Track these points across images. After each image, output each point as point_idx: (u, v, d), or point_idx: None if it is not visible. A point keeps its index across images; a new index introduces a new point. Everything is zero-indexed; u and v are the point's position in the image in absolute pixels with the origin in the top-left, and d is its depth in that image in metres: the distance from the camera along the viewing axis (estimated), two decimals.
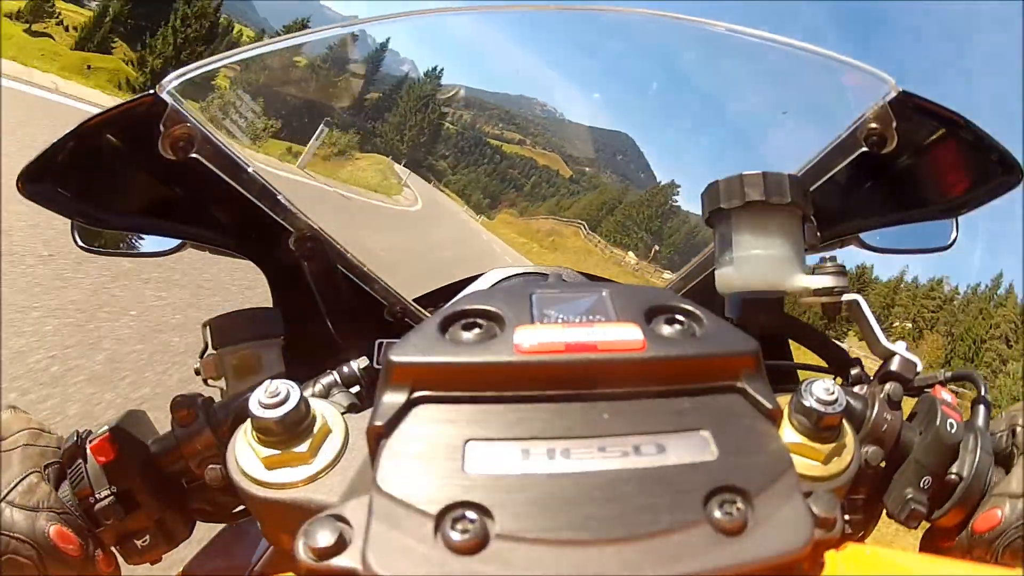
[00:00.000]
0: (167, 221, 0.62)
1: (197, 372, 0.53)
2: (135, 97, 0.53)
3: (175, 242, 0.66)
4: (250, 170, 0.58)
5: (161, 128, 0.54)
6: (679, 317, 0.27)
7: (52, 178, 0.53)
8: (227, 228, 0.64)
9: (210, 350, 0.53)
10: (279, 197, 0.60)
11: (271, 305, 0.66)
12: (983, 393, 0.48)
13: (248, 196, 0.58)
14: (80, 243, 0.67)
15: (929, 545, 0.46)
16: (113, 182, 0.57)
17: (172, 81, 0.54)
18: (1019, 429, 0.45)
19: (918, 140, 0.55)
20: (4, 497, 0.39)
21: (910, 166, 0.57)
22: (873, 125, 0.55)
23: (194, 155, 0.55)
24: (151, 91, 0.53)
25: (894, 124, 0.54)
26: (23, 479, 0.40)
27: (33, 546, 0.39)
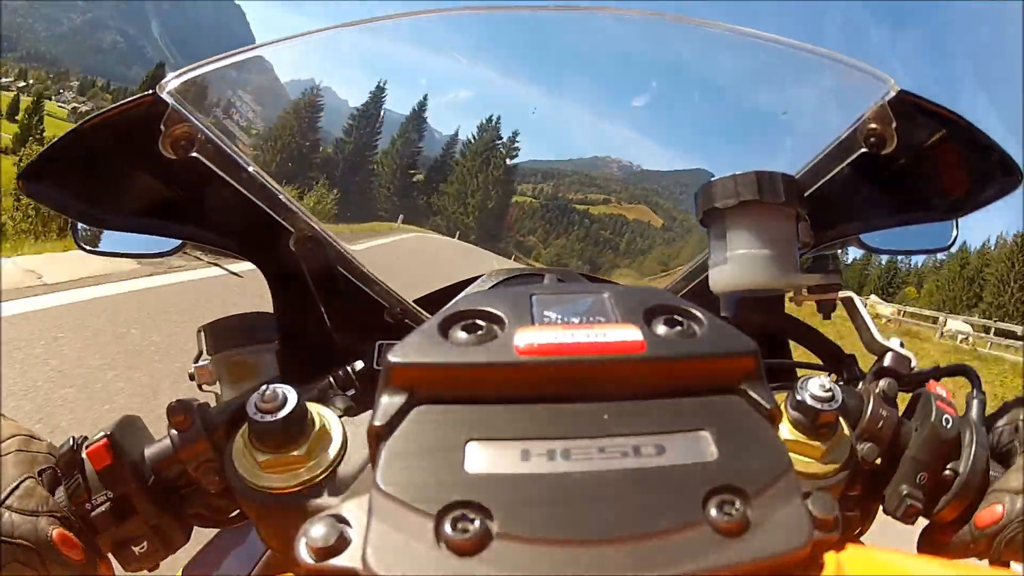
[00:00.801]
0: (167, 221, 0.62)
1: (192, 377, 0.53)
2: (135, 97, 0.53)
3: (175, 242, 0.66)
4: (251, 170, 0.58)
5: (162, 128, 0.54)
6: (678, 318, 0.27)
7: (53, 177, 0.53)
8: (227, 228, 0.64)
9: (205, 355, 0.53)
10: (280, 197, 0.60)
11: (271, 306, 0.66)
12: (978, 387, 0.48)
13: (249, 196, 0.58)
14: (80, 243, 0.67)
15: (928, 541, 0.47)
16: (113, 182, 0.57)
17: (172, 80, 0.54)
18: (1021, 424, 0.45)
19: (918, 141, 0.55)
20: (3, 502, 0.39)
21: (910, 167, 0.57)
22: (872, 125, 0.55)
23: (194, 155, 0.55)
24: (152, 91, 0.53)
25: (894, 124, 0.54)
26: (20, 483, 0.40)
27: (35, 550, 0.38)
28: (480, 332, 0.26)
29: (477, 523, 0.20)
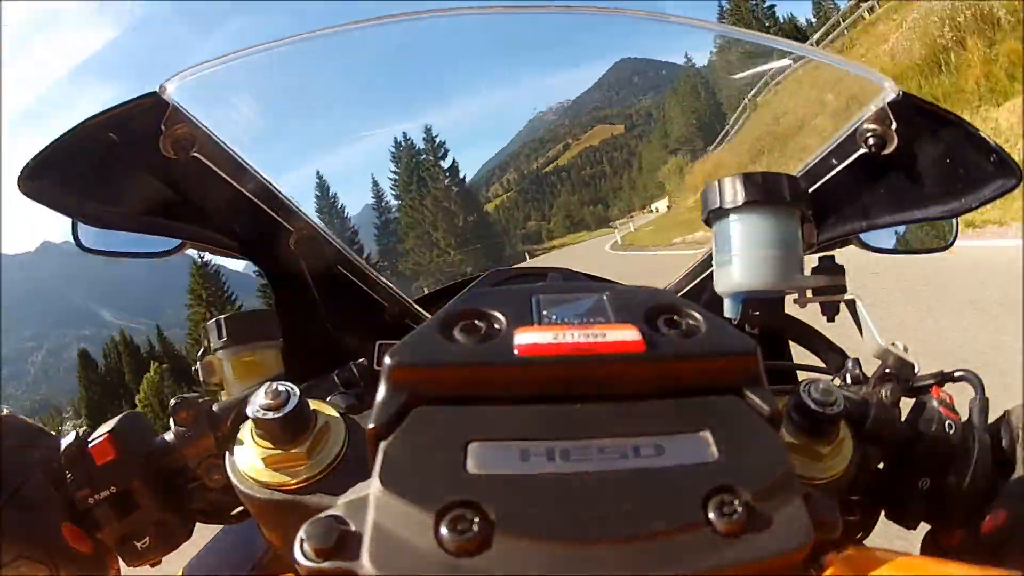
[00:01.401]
0: (168, 221, 0.62)
1: (196, 373, 0.53)
2: (136, 96, 0.53)
3: (176, 242, 0.66)
4: (251, 170, 0.58)
5: (162, 127, 0.54)
6: (678, 318, 0.27)
7: (53, 176, 0.53)
8: (228, 228, 0.64)
9: (210, 351, 0.53)
10: (280, 197, 0.60)
11: (272, 306, 0.66)
12: (981, 393, 0.48)
13: (249, 196, 0.58)
14: (81, 243, 0.67)
15: (930, 546, 0.46)
16: (114, 181, 0.57)
17: (174, 81, 0.54)
18: (1023, 431, 0.45)
19: (917, 142, 0.55)
20: (10, 498, 0.39)
21: (909, 167, 0.57)
22: (873, 126, 0.55)
23: (195, 155, 0.55)
24: (153, 90, 0.53)
25: (894, 126, 0.55)
26: (26, 481, 0.40)
27: (44, 545, 0.39)
28: (480, 332, 0.26)
29: (476, 523, 0.20)
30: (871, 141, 0.55)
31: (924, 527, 0.46)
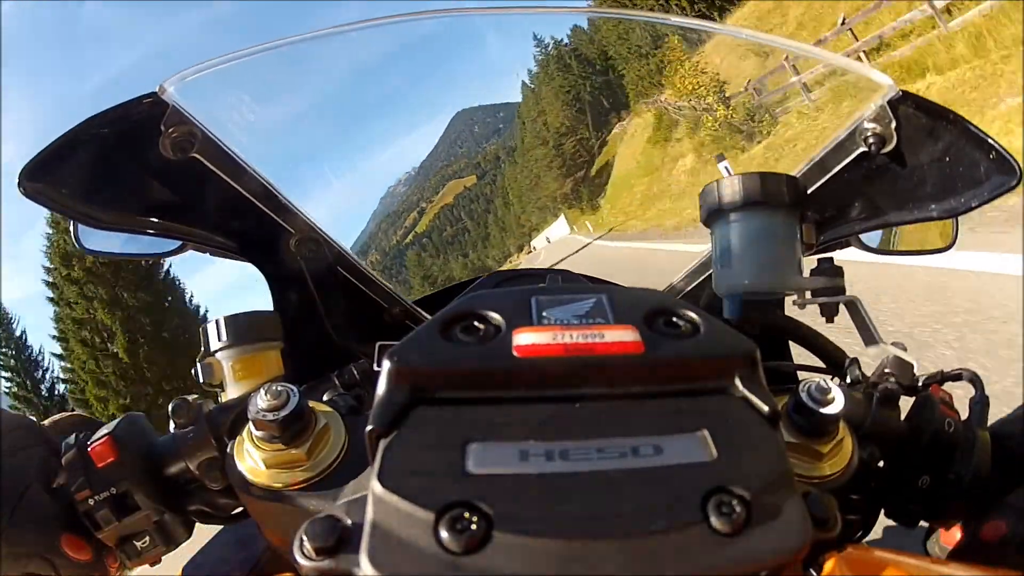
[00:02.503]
0: (168, 222, 0.62)
1: (196, 375, 0.53)
2: (136, 97, 0.53)
3: (176, 243, 0.66)
4: (251, 171, 0.58)
5: (162, 128, 0.54)
6: (677, 319, 0.27)
7: (53, 177, 0.53)
8: (228, 229, 0.64)
9: (210, 352, 0.53)
10: (280, 198, 0.60)
11: (271, 307, 0.66)
12: (981, 392, 0.48)
13: (249, 197, 0.58)
14: (81, 243, 0.68)
15: (925, 543, 0.47)
16: (114, 182, 0.57)
17: (173, 81, 0.54)
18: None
19: (917, 141, 0.55)
20: (9, 516, 0.39)
21: (909, 167, 0.57)
22: (872, 125, 0.55)
23: (195, 155, 0.55)
24: (152, 91, 0.53)
25: (893, 124, 0.54)
26: (24, 492, 0.40)
27: (46, 559, 0.39)
28: (479, 333, 0.26)
29: (476, 523, 0.20)
30: (870, 140, 0.55)
31: (923, 526, 0.46)
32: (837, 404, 0.40)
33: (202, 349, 0.54)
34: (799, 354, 0.63)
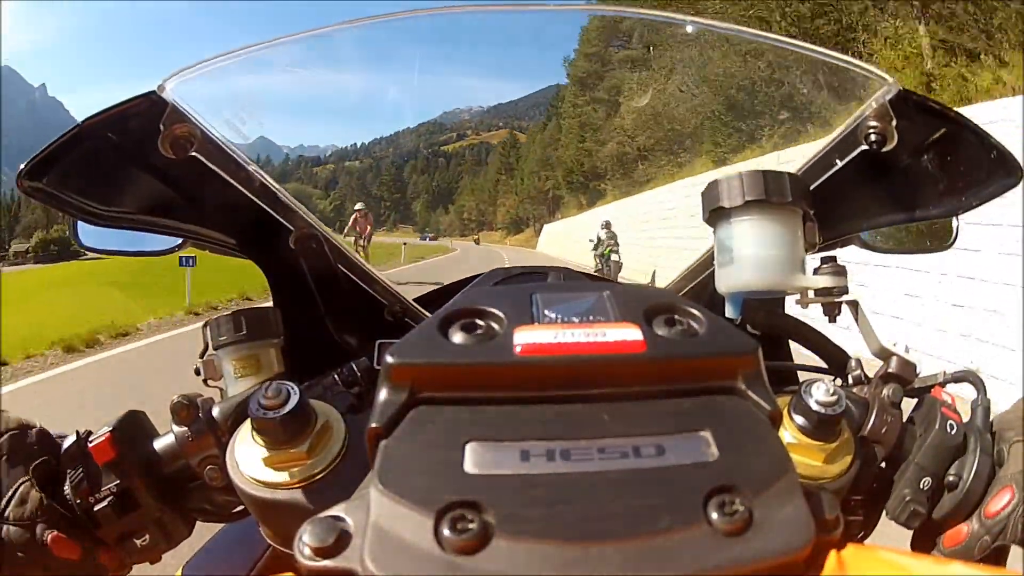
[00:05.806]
0: (168, 220, 0.62)
1: (197, 372, 0.53)
2: (136, 96, 0.53)
3: (176, 241, 0.66)
4: (250, 169, 0.58)
5: (161, 127, 0.54)
6: (679, 317, 0.27)
7: (52, 176, 0.53)
8: (227, 227, 0.64)
9: (210, 350, 0.53)
10: (279, 196, 0.60)
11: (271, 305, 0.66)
12: (983, 394, 0.48)
13: (248, 195, 0.58)
14: (80, 241, 0.67)
15: (931, 545, 0.46)
16: (113, 180, 0.57)
17: (173, 79, 0.53)
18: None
19: (918, 139, 0.55)
20: (1, 515, 0.39)
21: (910, 165, 0.57)
22: (873, 123, 0.55)
23: (194, 154, 0.55)
24: (151, 90, 0.53)
25: (894, 123, 0.54)
26: (15, 491, 0.40)
27: (35, 559, 0.39)
28: (480, 331, 0.26)
29: (476, 523, 0.20)
30: (872, 138, 0.55)
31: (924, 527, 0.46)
32: (839, 405, 0.40)
33: (202, 346, 0.54)
34: (800, 354, 0.63)
